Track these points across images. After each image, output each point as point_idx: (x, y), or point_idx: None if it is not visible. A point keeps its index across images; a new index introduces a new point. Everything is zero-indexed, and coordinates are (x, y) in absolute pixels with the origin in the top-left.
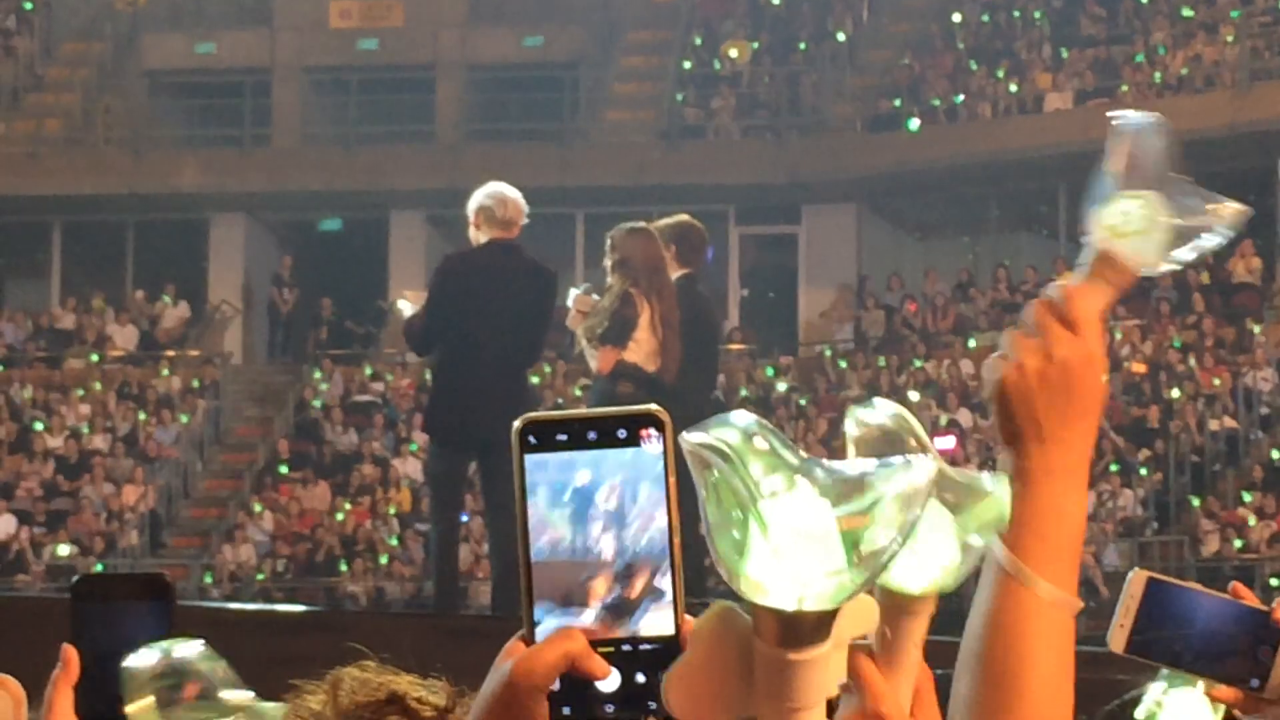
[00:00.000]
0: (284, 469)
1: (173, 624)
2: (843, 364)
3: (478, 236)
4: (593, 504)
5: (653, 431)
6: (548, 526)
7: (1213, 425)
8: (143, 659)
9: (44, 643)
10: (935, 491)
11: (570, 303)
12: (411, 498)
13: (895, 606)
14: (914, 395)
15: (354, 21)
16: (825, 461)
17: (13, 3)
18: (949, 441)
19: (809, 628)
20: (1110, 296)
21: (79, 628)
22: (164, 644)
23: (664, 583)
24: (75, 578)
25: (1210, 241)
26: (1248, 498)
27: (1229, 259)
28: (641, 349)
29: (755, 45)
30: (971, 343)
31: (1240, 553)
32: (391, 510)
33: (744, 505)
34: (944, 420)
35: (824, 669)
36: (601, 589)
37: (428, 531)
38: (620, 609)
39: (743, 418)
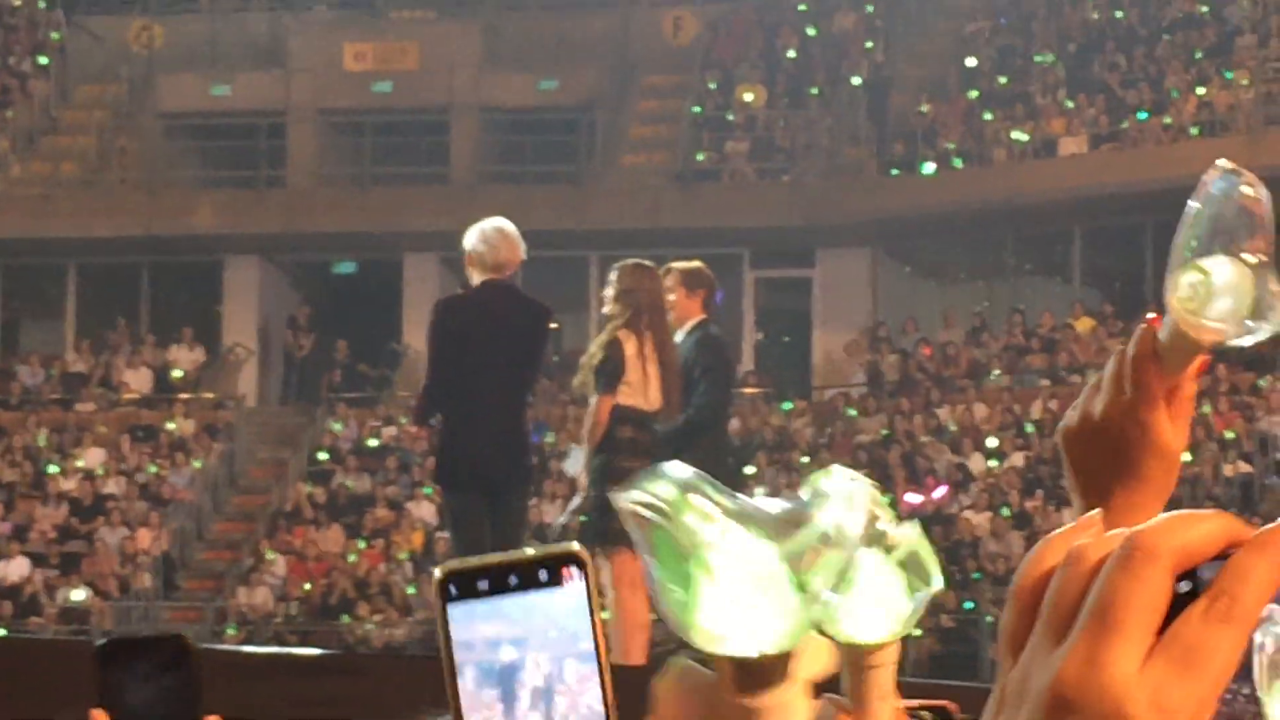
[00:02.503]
0: (298, 512)
1: (198, 685)
2: (853, 412)
3: (472, 275)
4: (518, 681)
5: (574, 570)
6: (476, 707)
7: (1227, 470)
8: None
9: (58, 685)
10: (880, 543)
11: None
12: (425, 540)
13: (855, 661)
14: (926, 439)
15: (369, 64)
16: (760, 501)
17: (29, 46)
18: (939, 491)
19: (768, 671)
20: (1187, 360)
21: (106, 691)
22: None
23: None
24: (100, 641)
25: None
26: None
27: None
28: (637, 390)
29: (772, 89)
30: (988, 384)
31: None
32: (405, 555)
33: (687, 557)
34: (945, 464)
35: (789, 712)
36: None
37: None
38: None
39: (676, 470)
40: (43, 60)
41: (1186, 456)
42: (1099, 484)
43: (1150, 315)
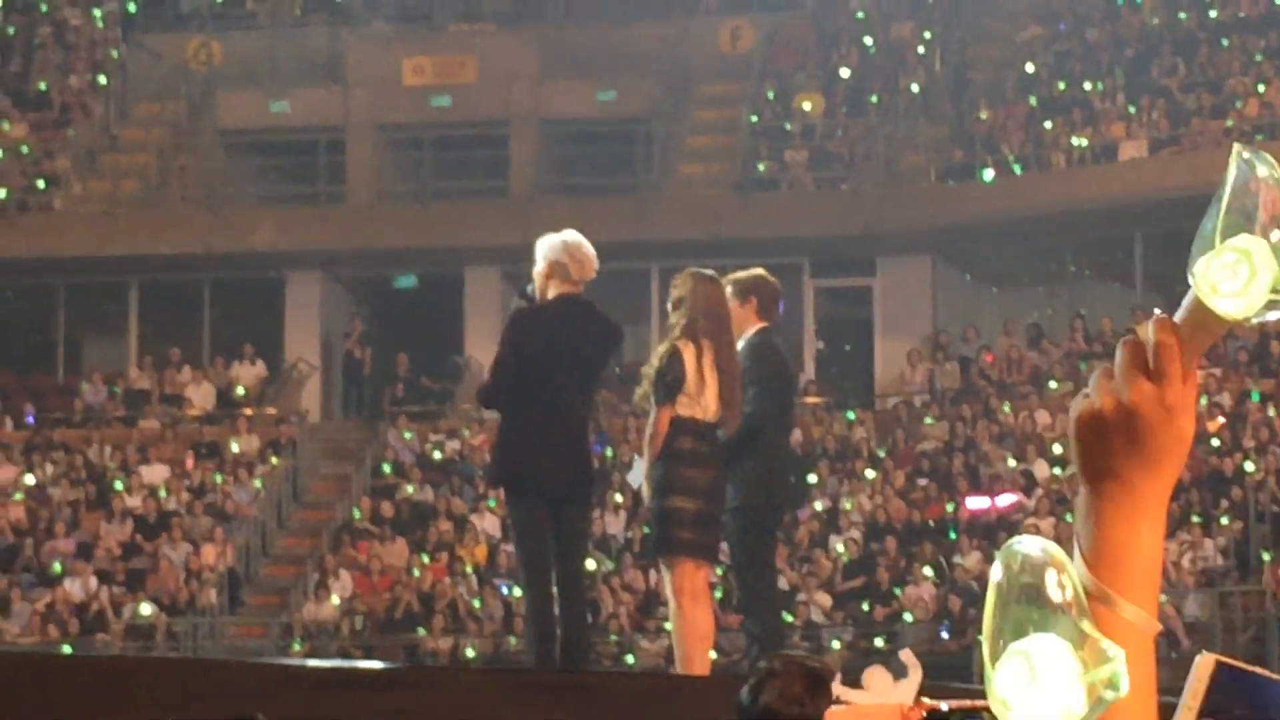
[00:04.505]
0: (362, 526)
1: None
2: (930, 420)
3: (545, 286)
4: None
5: None
6: None
7: None
8: None
9: (124, 701)
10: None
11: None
12: (489, 553)
13: None
14: (989, 447)
15: (427, 78)
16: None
17: (88, 65)
18: (1007, 499)
19: None
20: (1204, 344)
21: None
22: None
23: None
24: None
25: None
26: None
27: None
28: (696, 401)
29: (830, 98)
30: (1050, 390)
31: None
32: (469, 568)
33: (1016, 634)
34: (1014, 467)
35: None
36: None
37: (517, 588)
38: None
39: (1037, 548)
40: (102, 79)
41: (1249, 465)
42: (1114, 468)
43: (1157, 313)
